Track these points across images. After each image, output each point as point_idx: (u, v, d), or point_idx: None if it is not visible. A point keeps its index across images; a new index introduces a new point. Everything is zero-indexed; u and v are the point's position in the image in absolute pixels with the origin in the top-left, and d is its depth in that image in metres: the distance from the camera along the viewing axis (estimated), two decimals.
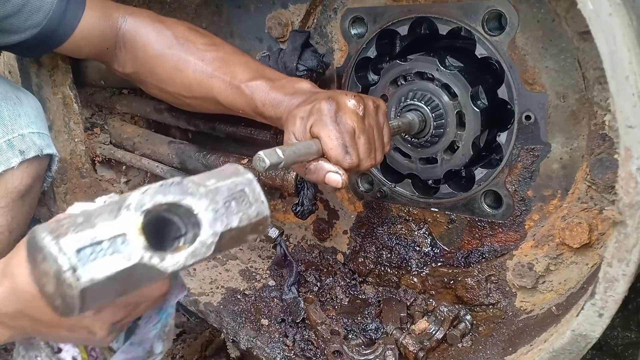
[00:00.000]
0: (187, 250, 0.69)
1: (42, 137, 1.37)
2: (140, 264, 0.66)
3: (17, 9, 1.19)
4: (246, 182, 0.75)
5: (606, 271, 0.86)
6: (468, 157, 1.37)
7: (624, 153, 0.79)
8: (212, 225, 0.70)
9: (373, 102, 1.14)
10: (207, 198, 0.71)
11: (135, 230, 0.67)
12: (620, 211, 0.82)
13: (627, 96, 0.78)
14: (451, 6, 1.32)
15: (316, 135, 1.05)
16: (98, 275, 0.64)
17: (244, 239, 0.76)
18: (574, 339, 0.93)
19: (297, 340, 1.40)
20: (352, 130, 1.06)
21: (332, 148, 1.04)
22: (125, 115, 1.81)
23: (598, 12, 0.79)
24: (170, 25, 1.36)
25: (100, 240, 0.65)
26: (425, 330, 1.30)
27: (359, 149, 1.07)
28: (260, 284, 1.56)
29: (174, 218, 0.71)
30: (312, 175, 1.07)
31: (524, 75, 1.26)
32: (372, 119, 1.12)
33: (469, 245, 1.44)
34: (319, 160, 1.05)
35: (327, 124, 1.04)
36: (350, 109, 1.07)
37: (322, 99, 1.07)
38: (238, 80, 1.27)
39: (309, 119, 1.07)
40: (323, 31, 1.55)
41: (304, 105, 1.11)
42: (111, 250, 0.65)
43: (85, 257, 0.64)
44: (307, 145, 1.03)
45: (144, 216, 0.68)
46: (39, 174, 1.37)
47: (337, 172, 1.04)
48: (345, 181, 1.05)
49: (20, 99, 1.36)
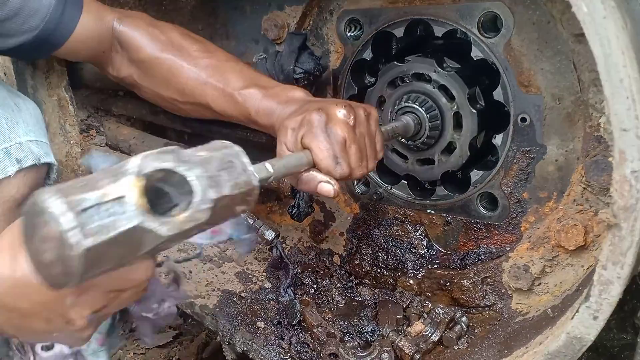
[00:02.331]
0: (183, 214, 0.71)
1: (41, 146, 1.36)
2: (139, 227, 0.68)
3: (14, 12, 1.19)
4: (234, 153, 0.80)
5: (601, 274, 0.86)
6: (465, 158, 1.37)
7: (618, 156, 0.79)
8: (205, 192, 0.72)
9: (364, 111, 1.14)
10: (201, 166, 0.73)
11: (136, 193, 0.68)
12: (615, 214, 0.82)
13: (622, 99, 0.78)
14: (447, 8, 1.33)
15: (307, 146, 1.06)
16: (100, 236, 0.65)
17: (234, 209, 0.79)
18: (568, 342, 0.93)
19: (293, 342, 1.40)
20: (343, 141, 1.06)
21: (322, 159, 1.04)
22: (121, 117, 1.81)
23: (592, 15, 0.79)
24: (165, 30, 1.36)
25: (102, 201, 0.66)
26: (421, 333, 1.30)
27: (350, 158, 1.07)
28: (257, 286, 1.56)
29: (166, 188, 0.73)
30: (304, 186, 1.07)
31: (519, 77, 1.26)
32: (364, 128, 1.12)
33: (465, 247, 1.44)
34: (310, 171, 1.05)
35: (318, 135, 1.05)
36: (340, 120, 1.07)
37: (312, 110, 1.08)
38: (231, 87, 1.27)
39: (300, 130, 1.07)
40: (319, 33, 1.55)
41: (295, 115, 1.11)
42: (112, 212, 0.66)
43: (89, 217, 0.65)
44: (298, 157, 1.04)
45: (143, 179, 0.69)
46: (36, 182, 1.36)
47: (329, 182, 1.05)
48: (337, 191, 1.05)
49: (19, 106, 1.36)
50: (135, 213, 0.67)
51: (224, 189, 0.75)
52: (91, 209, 0.65)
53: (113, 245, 0.67)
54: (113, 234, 0.66)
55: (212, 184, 0.73)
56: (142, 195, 0.68)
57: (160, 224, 0.69)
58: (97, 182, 0.68)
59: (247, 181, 0.79)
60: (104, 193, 0.67)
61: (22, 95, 1.41)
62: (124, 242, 0.68)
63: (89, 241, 0.64)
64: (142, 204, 0.68)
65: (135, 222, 0.67)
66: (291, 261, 1.55)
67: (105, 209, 0.66)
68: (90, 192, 0.66)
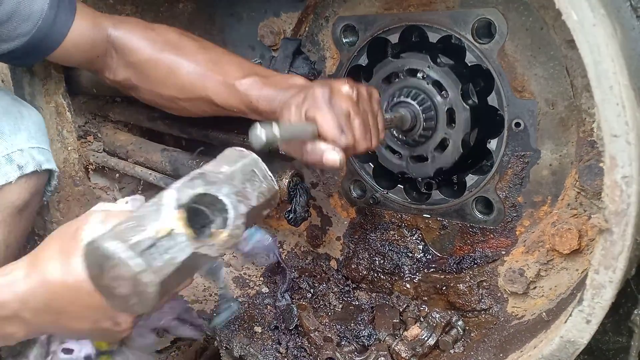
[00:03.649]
0: (224, 233, 0.78)
1: (42, 152, 1.37)
2: (194, 253, 0.75)
3: (6, 17, 1.19)
4: (253, 162, 0.86)
5: (593, 278, 0.87)
6: (458, 155, 1.38)
7: (609, 162, 0.80)
8: (237, 208, 0.79)
9: (367, 90, 1.16)
10: (227, 184, 0.80)
11: (181, 224, 0.75)
12: (607, 219, 0.82)
13: (612, 106, 0.79)
14: (441, 14, 1.34)
15: (312, 118, 1.07)
16: (167, 270, 0.73)
17: (261, 214, 0.87)
18: (562, 346, 0.94)
19: (290, 347, 1.40)
20: (347, 112, 1.08)
21: (328, 129, 1.05)
22: (119, 123, 1.81)
23: (582, 23, 0.80)
24: (161, 31, 1.37)
25: (158, 237, 0.74)
26: (418, 337, 1.30)
27: (354, 129, 1.09)
28: (254, 291, 1.57)
29: (202, 208, 0.80)
30: (310, 156, 1.08)
31: (513, 83, 1.27)
32: (366, 104, 1.14)
33: (460, 251, 1.45)
34: (315, 141, 1.06)
35: (322, 107, 1.06)
36: (344, 94, 1.10)
37: (316, 86, 1.10)
38: (231, 78, 1.28)
39: (304, 105, 1.09)
40: (315, 39, 1.56)
41: (298, 95, 1.13)
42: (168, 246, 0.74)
43: (151, 255, 0.73)
44: (303, 126, 1.06)
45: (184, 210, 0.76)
46: (37, 189, 1.37)
47: (334, 151, 1.05)
48: (343, 160, 1.06)
49: (22, 114, 1.37)
50: (187, 243, 0.75)
51: (252, 201, 0.82)
52: (151, 248, 0.73)
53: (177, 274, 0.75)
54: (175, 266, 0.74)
55: (241, 198, 0.80)
56: (187, 225, 0.76)
57: (209, 247, 0.77)
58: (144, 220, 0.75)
59: (269, 188, 0.86)
60: (156, 230, 0.74)
61: (26, 104, 1.43)
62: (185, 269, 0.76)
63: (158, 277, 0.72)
64: (190, 233, 0.76)
65: (189, 251, 0.75)
66: (288, 266, 1.56)
67: (161, 245, 0.73)
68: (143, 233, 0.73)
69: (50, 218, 1.65)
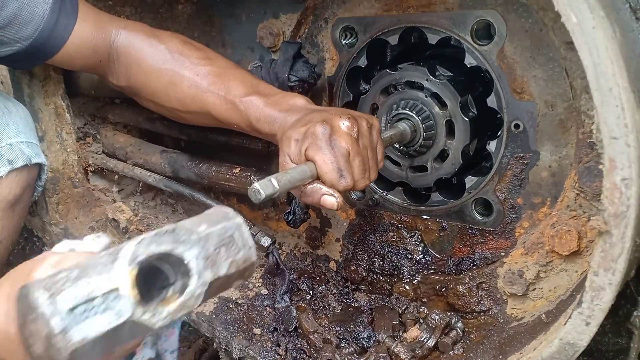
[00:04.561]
0: (176, 302, 0.69)
1: (31, 147, 1.37)
2: (130, 321, 0.66)
3: (7, 21, 1.20)
4: (235, 227, 0.76)
5: (592, 280, 0.87)
6: (458, 166, 1.38)
7: (609, 164, 0.80)
8: (201, 275, 0.70)
9: (367, 122, 1.15)
10: (199, 246, 0.71)
11: (128, 284, 0.66)
12: (606, 221, 0.82)
13: (611, 108, 0.79)
14: (440, 16, 1.34)
15: (311, 158, 1.07)
16: (89, 335, 0.64)
17: (230, 285, 0.77)
18: (561, 348, 0.94)
19: (290, 349, 1.40)
20: (347, 153, 1.07)
21: (327, 172, 1.05)
22: (118, 125, 1.81)
23: (582, 25, 0.80)
24: (165, 39, 1.36)
25: (94, 296, 0.64)
26: (417, 338, 1.30)
27: (354, 171, 1.08)
28: (253, 292, 1.56)
29: (164, 267, 0.71)
30: (308, 198, 1.09)
31: (512, 85, 1.27)
32: (366, 139, 1.13)
33: (460, 253, 1.45)
34: (314, 183, 1.07)
35: (322, 148, 1.06)
36: (344, 132, 1.08)
37: (316, 122, 1.08)
38: (232, 95, 1.27)
39: (304, 142, 1.08)
40: (314, 41, 1.56)
41: (299, 126, 1.12)
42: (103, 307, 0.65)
43: (78, 316, 0.63)
44: (302, 170, 1.05)
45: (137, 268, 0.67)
46: (28, 183, 1.37)
47: (333, 195, 1.06)
48: (341, 203, 1.07)
49: (9, 109, 1.37)
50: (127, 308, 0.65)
51: (221, 269, 0.72)
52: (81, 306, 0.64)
53: (102, 340, 0.65)
54: (100, 332, 0.64)
55: (209, 264, 0.71)
56: (134, 285, 0.66)
57: (152, 315, 0.67)
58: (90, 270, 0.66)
59: (246, 258, 0.76)
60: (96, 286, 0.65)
61: (12, 99, 1.43)
62: (113, 337, 0.66)
63: (74, 344, 0.63)
64: (134, 295, 0.66)
65: (124, 318, 0.65)
66: (287, 267, 1.55)
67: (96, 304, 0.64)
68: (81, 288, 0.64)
69: (50, 220, 1.65)
